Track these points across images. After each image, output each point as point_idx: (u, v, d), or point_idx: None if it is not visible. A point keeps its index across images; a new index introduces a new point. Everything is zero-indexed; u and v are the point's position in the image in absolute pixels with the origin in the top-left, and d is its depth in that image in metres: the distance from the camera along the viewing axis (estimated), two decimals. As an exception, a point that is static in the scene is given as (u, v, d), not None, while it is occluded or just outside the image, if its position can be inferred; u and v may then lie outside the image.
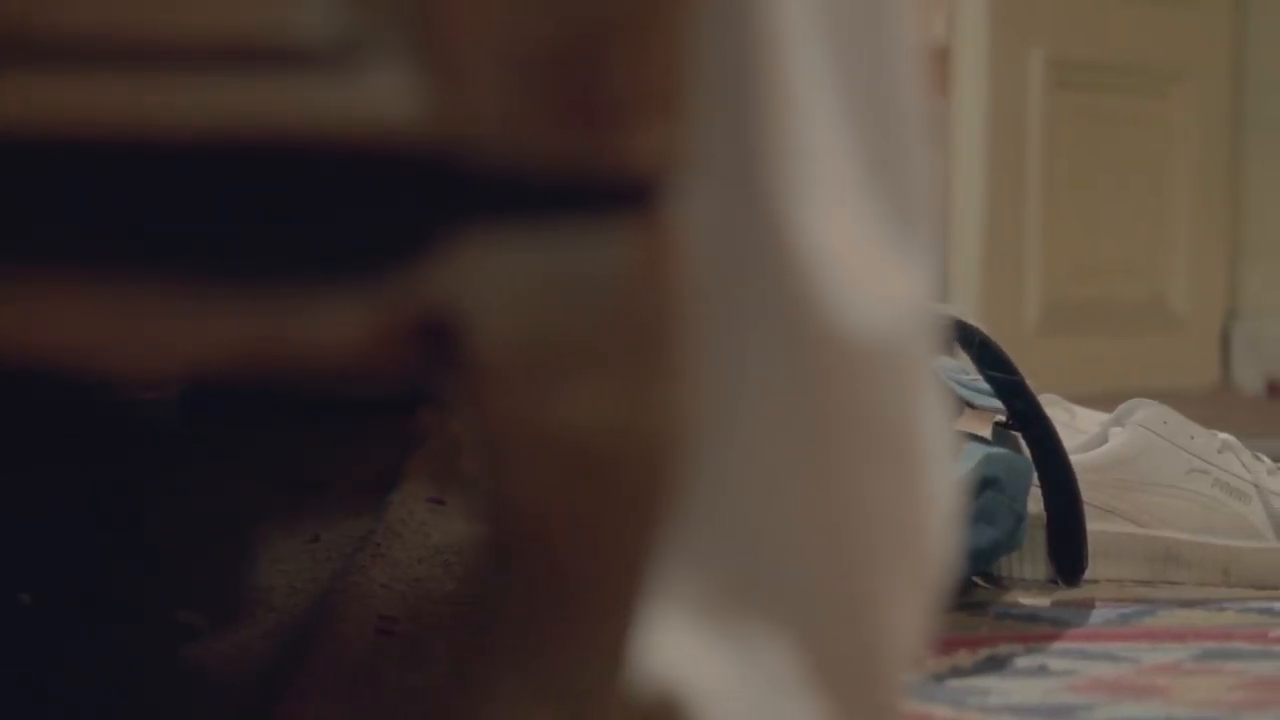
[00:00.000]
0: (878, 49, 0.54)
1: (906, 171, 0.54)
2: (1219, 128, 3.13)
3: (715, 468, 0.54)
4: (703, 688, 0.55)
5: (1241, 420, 2.64)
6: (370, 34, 0.46)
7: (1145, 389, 3.04)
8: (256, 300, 0.47)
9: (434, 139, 0.46)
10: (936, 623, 1.03)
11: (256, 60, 0.46)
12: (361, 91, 0.46)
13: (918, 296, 0.53)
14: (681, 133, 0.49)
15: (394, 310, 0.47)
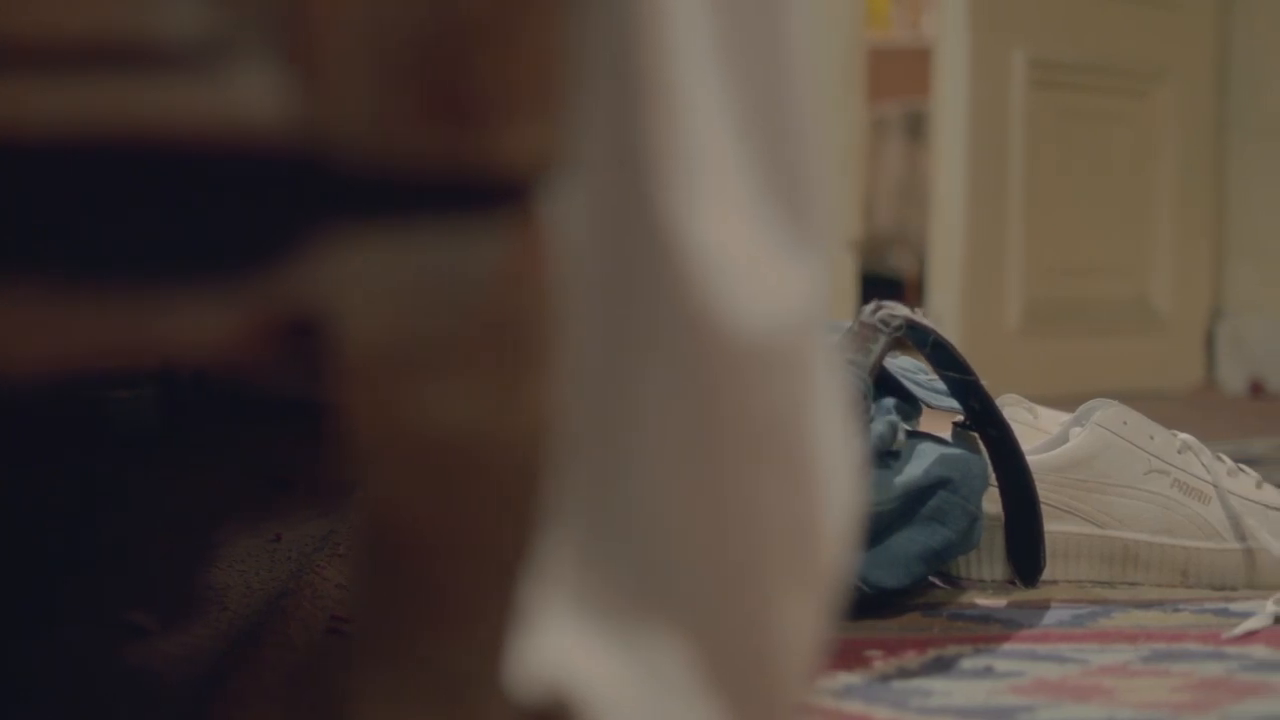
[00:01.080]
0: (770, 53, 0.53)
1: (799, 174, 0.53)
2: (1202, 127, 3.13)
3: (605, 469, 0.54)
4: (595, 689, 0.55)
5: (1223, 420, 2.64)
6: (236, 34, 0.45)
7: (1129, 389, 3.03)
8: (125, 298, 0.46)
9: (301, 139, 0.46)
10: (837, 624, 1.03)
11: (122, 60, 0.45)
12: (227, 92, 0.45)
13: (809, 298, 0.53)
14: (557, 132, 0.48)
15: (263, 309, 0.46)
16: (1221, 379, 3.12)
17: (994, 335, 2.90)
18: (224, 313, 0.46)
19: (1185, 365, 3.15)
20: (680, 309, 0.51)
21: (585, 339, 0.52)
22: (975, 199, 2.87)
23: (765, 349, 0.51)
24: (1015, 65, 2.88)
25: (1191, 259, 3.14)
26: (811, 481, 0.54)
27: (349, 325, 0.46)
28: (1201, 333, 3.16)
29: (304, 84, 0.45)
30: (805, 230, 0.53)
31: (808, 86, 0.54)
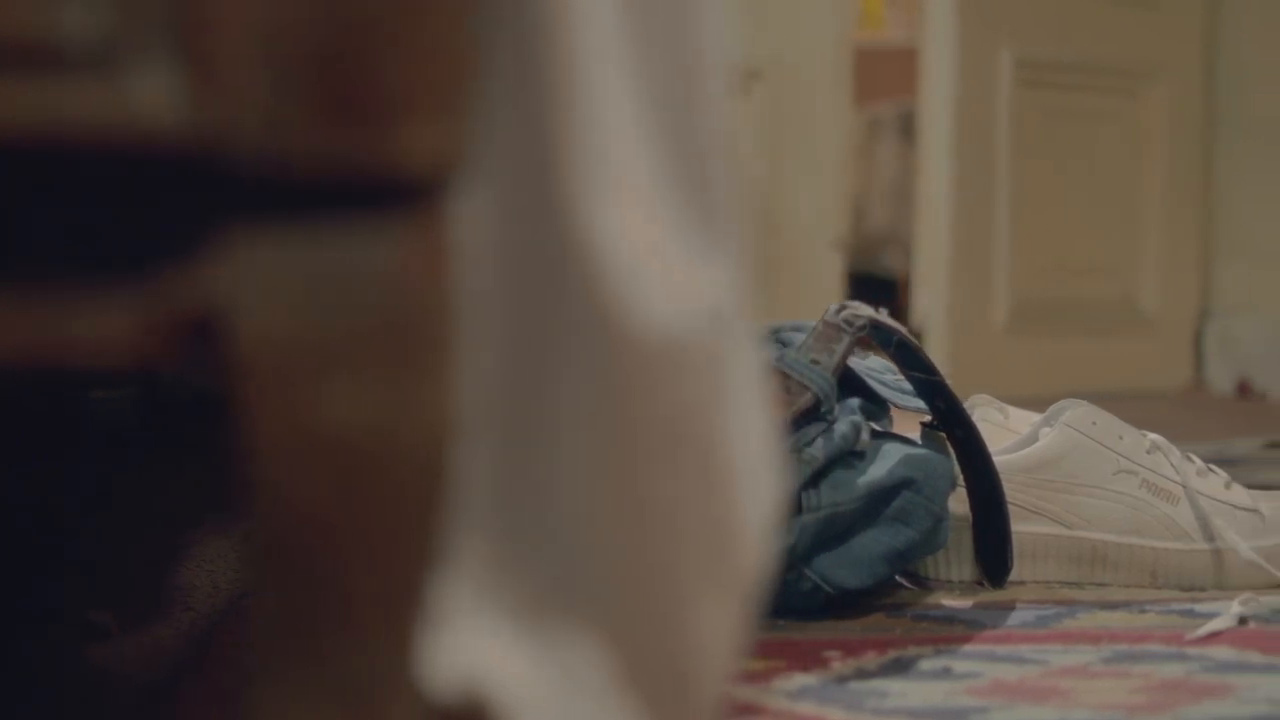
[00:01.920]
0: (680, 54, 0.53)
1: (708, 175, 0.53)
2: (1191, 127, 3.13)
3: (519, 469, 0.54)
4: (510, 689, 0.54)
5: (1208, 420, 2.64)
6: (131, 35, 0.45)
7: (1116, 389, 3.03)
8: (22, 299, 0.46)
9: (198, 139, 0.46)
10: (756, 627, 1.02)
11: (18, 61, 0.45)
12: (124, 92, 0.45)
13: (719, 297, 0.53)
14: (460, 132, 0.48)
15: (161, 309, 0.46)
16: (1210, 379, 3.12)
17: (981, 335, 2.90)
18: (125, 313, 0.46)
19: (1173, 365, 3.14)
20: (589, 308, 0.51)
21: (495, 339, 0.52)
22: (962, 199, 2.86)
23: (674, 348, 0.51)
24: (1002, 64, 2.88)
25: (1180, 259, 3.13)
26: (727, 482, 0.53)
27: (247, 325, 0.46)
28: (1190, 333, 3.16)
29: (200, 84, 0.45)
30: (714, 230, 0.53)
31: (718, 87, 0.54)
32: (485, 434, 0.53)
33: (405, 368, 0.47)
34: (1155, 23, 3.08)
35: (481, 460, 0.53)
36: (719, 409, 0.53)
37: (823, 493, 1.16)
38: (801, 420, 1.18)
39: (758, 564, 0.55)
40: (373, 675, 0.50)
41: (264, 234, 0.46)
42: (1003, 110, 2.89)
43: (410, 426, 0.48)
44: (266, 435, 0.46)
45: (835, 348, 1.20)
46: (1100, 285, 3.07)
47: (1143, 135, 3.09)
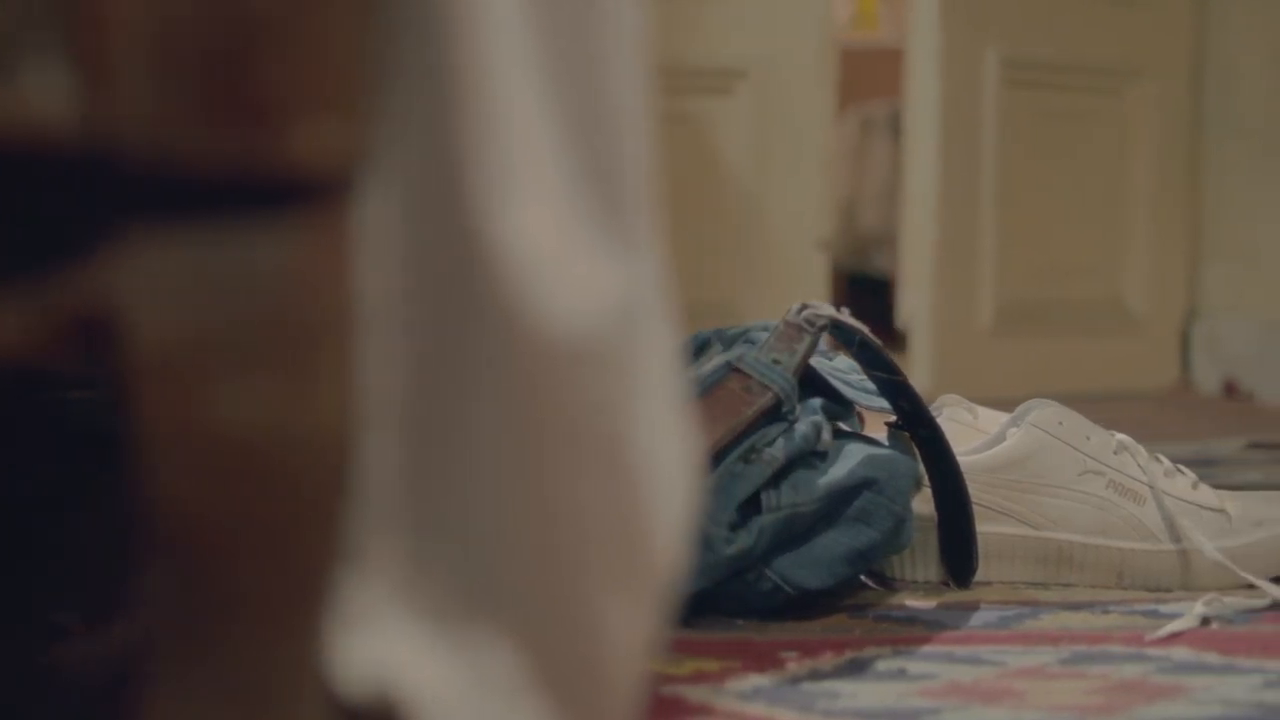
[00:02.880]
0: (588, 51, 0.53)
1: (619, 172, 0.53)
2: (1178, 127, 3.12)
3: (429, 468, 0.54)
4: (421, 689, 0.54)
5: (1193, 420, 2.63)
6: (21, 33, 0.45)
7: (1103, 390, 3.03)
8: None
9: (91, 139, 0.45)
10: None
11: (-94, 58, 0.45)
12: (14, 91, 0.45)
13: (629, 296, 0.52)
14: (358, 131, 0.48)
15: (53, 309, 0.46)
16: (1197, 380, 3.12)
17: (966, 336, 2.90)
18: (17, 313, 0.46)
19: (1160, 366, 3.14)
20: (494, 307, 0.51)
21: (400, 338, 0.52)
22: (947, 199, 2.86)
23: (580, 346, 0.51)
24: (988, 64, 2.88)
25: (1167, 259, 3.13)
26: (636, 482, 0.53)
27: (139, 324, 0.46)
28: (1177, 333, 3.15)
29: (92, 84, 0.45)
30: (624, 228, 0.53)
31: (629, 86, 0.53)
32: (393, 433, 0.53)
33: (300, 367, 0.47)
34: (1142, 22, 3.08)
35: (390, 459, 0.53)
36: (627, 408, 0.53)
37: (783, 493, 1.16)
38: (763, 420, 1.18)
39: (670, 565, 0.55)
40: (272, 676, 0.49)
41: (158, 234, 0.46)
42: (989, 110, 2.88)
43: (306, 425, 0.47)
44: (159, 434, 0.46)
45: (797, 348, 1.20)
46: (1087, 286, 3.07)
47: (1130, 135, 3.09)
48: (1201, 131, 3.11)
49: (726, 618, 1.16)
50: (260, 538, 0.48)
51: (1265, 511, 1.35)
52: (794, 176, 2.98)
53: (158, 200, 0.46)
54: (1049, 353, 3.00)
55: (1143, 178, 3.10)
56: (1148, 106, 3.09)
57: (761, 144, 2.98)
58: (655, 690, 0.98)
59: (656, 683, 1.00)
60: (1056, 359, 3.00)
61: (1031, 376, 2.93)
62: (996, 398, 2.86)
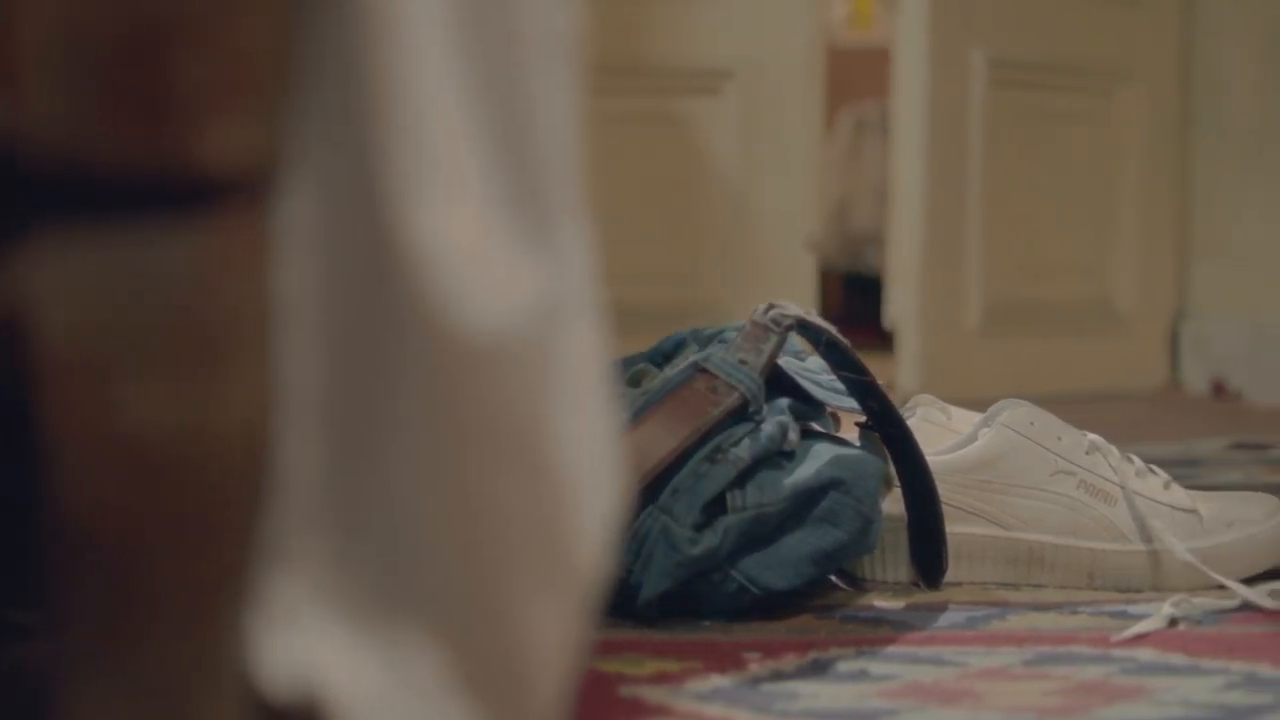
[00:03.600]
0: (511, 53, 0.53)
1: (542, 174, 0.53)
2: (1166, 128, 3.12)
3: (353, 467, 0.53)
4: (345, 689, 0.54)
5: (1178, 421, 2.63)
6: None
7: (1091, 390, 3.02)
8: None
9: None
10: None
11: None
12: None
13: (551, 296, 0.52)
14: (270, 132, 0.48)
15: (-43, 309, 0.46)
16: (1185, 380, 3.11)
17: (954, 335, 2.90)
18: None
19: (1148, 366, 3.14)
20: (412, 306, 0.51)
21: (319, 337, 0.51)
22: (934, 199, 2.86)
23: (498, 346, 0.51)
24: (974, 64, 2.87)
25: (1155, 259, 3.13)
26: (558, 482, 0.53)
27: (47, 325, 0.45)
28: (1165, 333, 3.15)
29: None
30: (545, 229, 0.52)
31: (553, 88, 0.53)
32: (313, 431, 0.53)
33: (211, 366, 0.47)
34: (1130, 23, 3.07)
35: (311, 458, 0.53)
36: (548, 408, 0.52)
37: (748, 493, 1.15)
38: (729, 420, 1.17)
39: (594, 565, 0.55)
40: (190, 674, 0.49)
41: (66, 234, 0.46)
42: (976, 110, 2.88)
43: (219, 424, 0.47)
44: (66, 433, 0.46)
45: (763, 348, 1.20)
46: (1074, 286, 3.07)
47: (1118, 135, 3.08)
48: (1190, 131, 3.11)
49: (693, 618, 1.16)
50: (174, 536, 0.47)
51: (1237, 512, 1.34)
52: (781, 177, 2.98)
53: (66, 200, 0.45)
54: (1036, 353, 2.99)
55: (1131, 178, 3.09)
56: (1136, 106, 3.09)
57: (749, 145, 2.98)
58: (614, 691, 0.98)
59: (616, 683, 1.00)
60: (1044, 359, 3.00)
61: (1019, 376, 2.93)
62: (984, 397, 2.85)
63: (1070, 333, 3.04)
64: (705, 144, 2.98)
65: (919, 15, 2.82)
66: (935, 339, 2.87)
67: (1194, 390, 3.07)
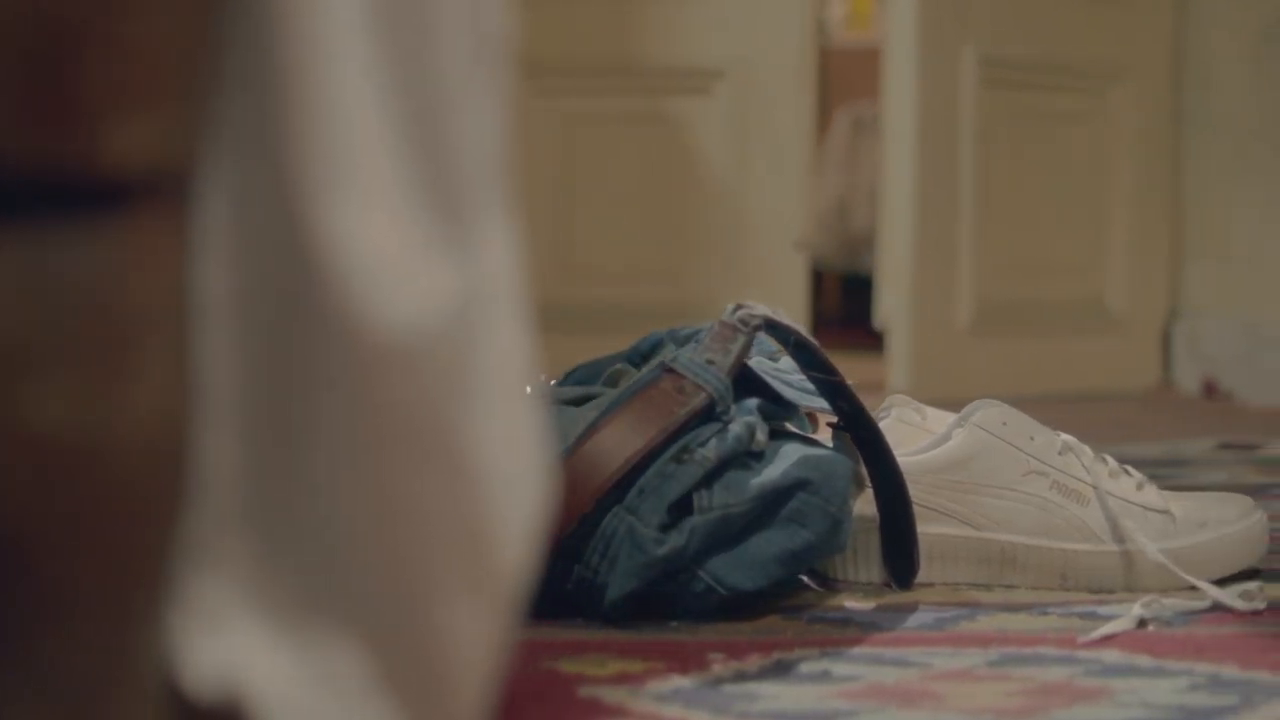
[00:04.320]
0: (426, 55, 0.53)
1: (460, 177, 0.53)
2: (1159, 127, 3.11)
3: (275, 468, 0.53)
4: (267, 689, 0.54)
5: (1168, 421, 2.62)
6: None
7: (1083, 390, 3.02)
8: None
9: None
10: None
11: None
12: None
13: (468, 297, 0.52)
14: (179, 132, 0.47)
15: None
16: (1177, 380, 3.11)
17: (944, 335, 2.89)
18: None
19: (1141, 366, 3.13)
20: (328, 307, 0.51)
21: (236, 338, 0.51)
22: (925, 198, 2.85)
23: (414, 347, 0.51)
24: (965, 63, 2.87)
25: (1148, 259, 3.12)
26: (477, 482, 0.53)
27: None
28: (1158, 333, 3.15)
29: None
30: (463, 230, 0.52)
31: (473, 89, 0.53)
32: (233, 431, 0.53)
33: (116, 366, 0.47)
34: (1123, 22, 3.07)
35: (231, 458, 0.53)
36: (466, 408, 0.52)
37: (715, 494, 1.15)
38: (696, 421, 1.17)
39: (517, 566, 0.55)
40: (96, 674, 0.49)
41: (-36, 234, 0.46)
42: (967, 109, 2.87)
43: (125, 423, 0.47)
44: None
45: (731, 348, 1.19)
46: (1067, 285, 3.06)
47: (1110, 135, 3.08)
48: (1182, 130, 3.11)
49: (661, 619, 1.16)
50: (81, 535, 0.47)
51: (1210, 513, 1.34)
52: (772, 177, 2.97)
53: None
54: (1028, 353, 2.99)
55: (1123, 177, 3.09)
56: (1128, 105, 3.08)
57: (740, 145, 2.98)
58: (573, 691, 0.98)
59: (576, 683, 0.99)
60: (1036, 359, 3.00)
61: (1010, 376, 2.93)
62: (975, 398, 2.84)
63: (1062, 333, 3.04)
64: (696, 144, 2.98)
65: (909, 13, 2.82)
66: (926, 339, 2.87)
67: (1186, 390, 3.06)
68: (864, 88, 4.99)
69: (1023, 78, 2.95)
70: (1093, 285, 3.09)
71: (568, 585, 1.16)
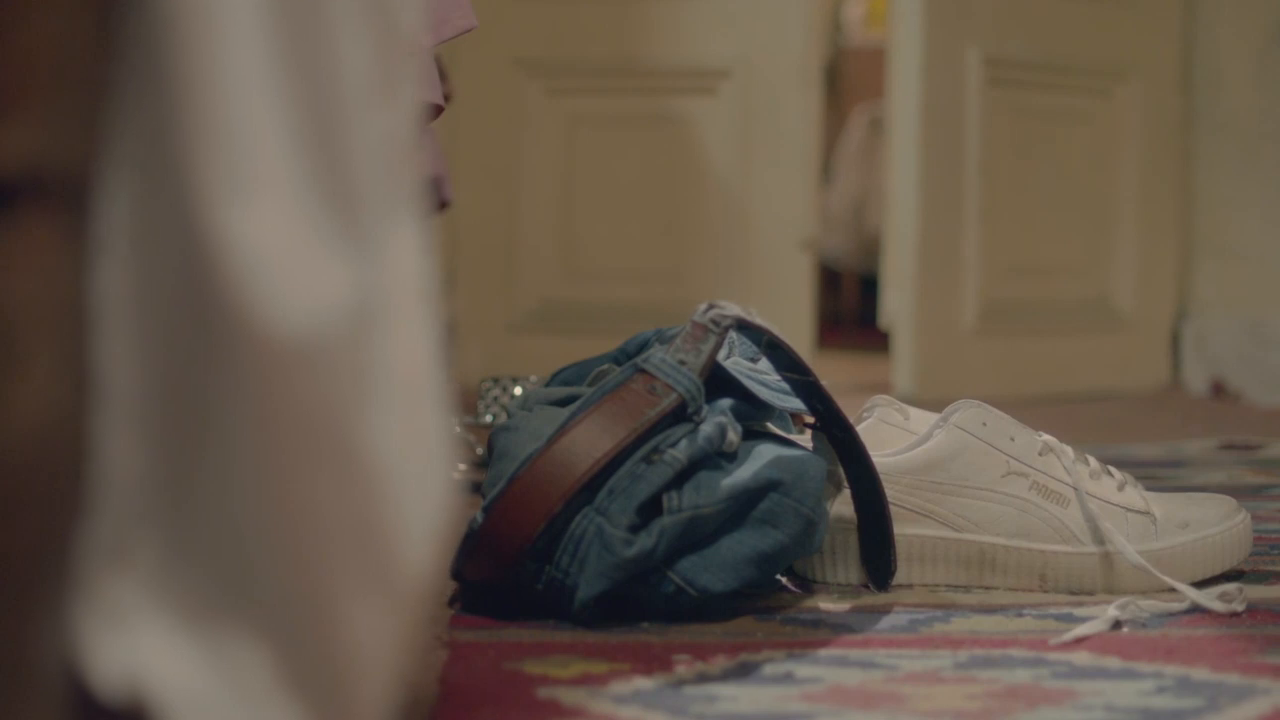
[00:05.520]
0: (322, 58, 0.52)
1: (358, 178, 0.52)
2: (1167, 127, 3.10)
3: (179, 468, 0.53)
4: (174, 689, 0.54)
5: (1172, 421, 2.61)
6: None
7: (1090, 390, 3.01)
8: None
9: None
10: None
11: None
12: None
13: (363, 300, 0.52)
14: (62, 134, 0.47)
15: None
16: (1185, 380, 3.09)
17: (949, 336, 2.88)
18: None
19: (1149, 366, 3.12)
20: (223, 307, 0.50)
21: (134, 339, 0.51)
22: (929, 198, 2.84)
23: (306, 346, 0.50)
24: (970, 63, 2.86)
25: (1156, 259, 3.11)
26: (372, 482, 0.52)
27: None
28: (1166, 333, 3.13)
29: None
30: (359, 230, 0.52)
31: (371, 92, 0.53)
32: (137, 432, 0.52)
33: None
34: (1129, 22, 3.05)
35: (133, 458, 0.53)
36: (361, 408, 0.52)
37: (685, 494, 1.15)
38: (666, 421, 1.17)
39: (419, 566, 0.54)
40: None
41: None
42: (972, 109, 2.86)
43: (8, 425, 0.47)
44: None
45: (702, 348, 1.19)
46: (1073, 285, 3.05)
47: (1116, 134, 3.06)
48: (1191, 129, 3.09)
49: (633, 620, 1.16)
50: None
51: (1192, 514, 1.33)
52: (777, 177, 2.97)
53: None
54: (1033, 353, 2.98)
55: (1130, 177, 3.07)
56: (1135, 106, 3.07)
57: (744, 144, 2.97)
58: (532, 692, 0.98)
59: (538, 684, 0.99)
60: (1041, 359, 2.98)
61: (1016, 377, 2.91)
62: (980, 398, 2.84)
63: (1069, 333, 3.03)
64: (701, 143, 2.97)
65: (914, 13, 2.81)
66: (931, 340, 2.86)
67: (1194, 390, 3.05)
68: (882, 87, 4.98)
69: (1028, 77, 2.94)
70: (1099, 285, 3.08)
71: (539, 586, 1.16)
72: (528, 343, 3.01)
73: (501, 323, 3.06)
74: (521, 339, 3.04)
